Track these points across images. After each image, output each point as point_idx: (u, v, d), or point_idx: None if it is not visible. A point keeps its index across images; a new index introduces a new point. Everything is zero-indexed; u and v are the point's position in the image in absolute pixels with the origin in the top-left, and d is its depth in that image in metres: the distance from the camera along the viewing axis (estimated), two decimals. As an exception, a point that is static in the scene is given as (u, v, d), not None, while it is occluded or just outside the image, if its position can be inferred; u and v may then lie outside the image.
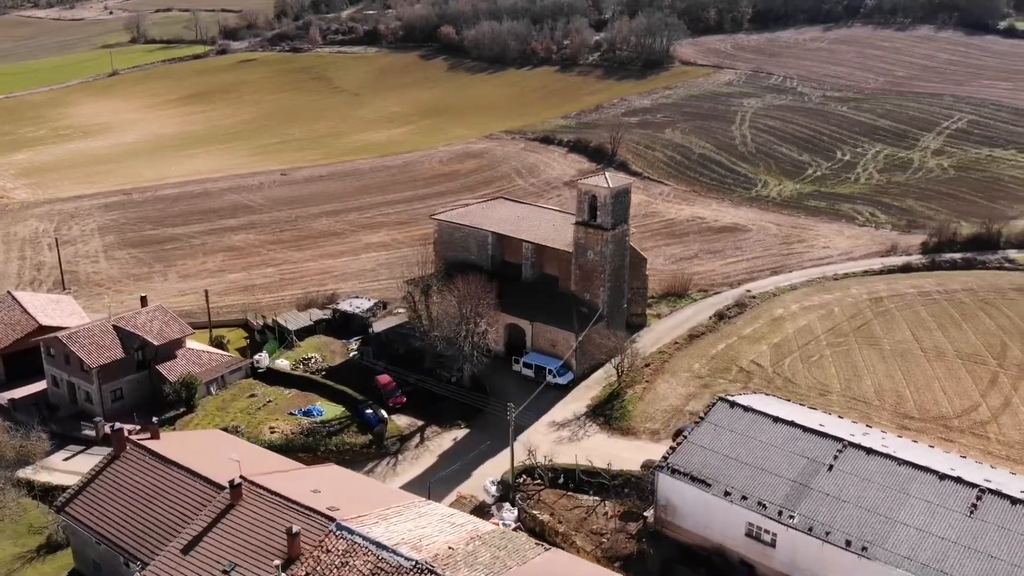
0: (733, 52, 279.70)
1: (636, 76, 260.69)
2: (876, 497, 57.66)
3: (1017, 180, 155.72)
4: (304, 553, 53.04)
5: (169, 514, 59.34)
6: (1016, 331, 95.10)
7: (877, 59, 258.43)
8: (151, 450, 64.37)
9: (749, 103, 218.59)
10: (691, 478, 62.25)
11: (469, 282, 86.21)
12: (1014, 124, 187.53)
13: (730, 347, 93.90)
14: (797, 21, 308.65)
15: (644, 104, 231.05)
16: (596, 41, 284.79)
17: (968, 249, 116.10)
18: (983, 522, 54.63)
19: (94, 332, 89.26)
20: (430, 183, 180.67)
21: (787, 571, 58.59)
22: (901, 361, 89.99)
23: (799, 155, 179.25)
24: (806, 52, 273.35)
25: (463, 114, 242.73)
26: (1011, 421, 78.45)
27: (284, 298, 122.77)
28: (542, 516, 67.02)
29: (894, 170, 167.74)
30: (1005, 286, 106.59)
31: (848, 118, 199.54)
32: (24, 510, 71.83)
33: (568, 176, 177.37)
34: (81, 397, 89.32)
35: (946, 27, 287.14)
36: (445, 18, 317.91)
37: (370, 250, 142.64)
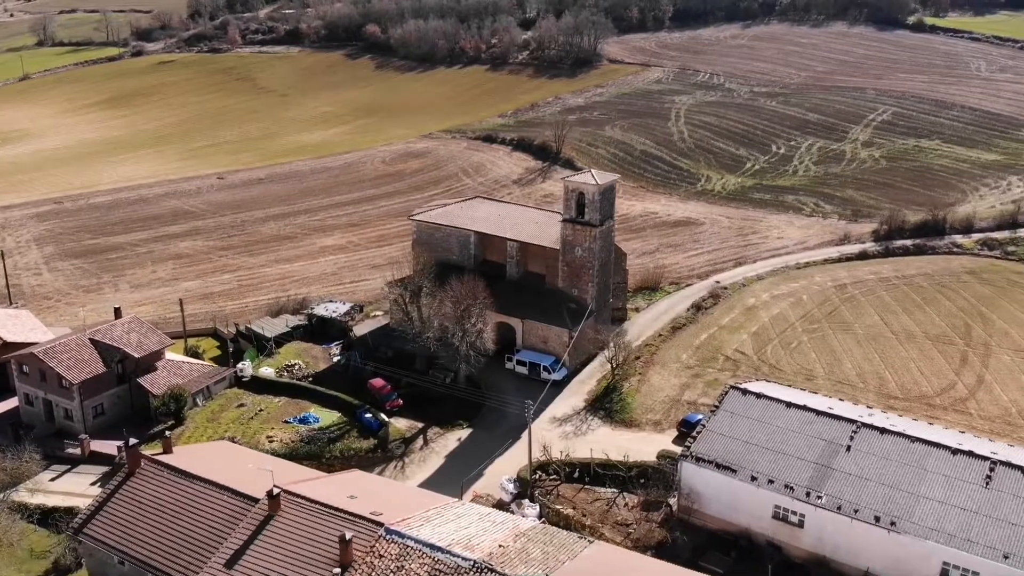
0: (658, 50, 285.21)
1: (567, 75, 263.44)
2: (896, 474, 60.46)
3: (947, 169, 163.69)
4: (356, 560, 52.51)
5: (199, 529, 57.79)
6: (975, 312, 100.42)
7: (797, 55, 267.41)
8: (170, 465, 62.53)
9: (681, 100, 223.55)
10: (716, 465, 63.99)
11: (463, 282, 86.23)
12: (935, 115, 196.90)
13: (712, 337, 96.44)
14: (716, 19, 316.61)
15: (579, 102, 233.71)
16: (524, 40, 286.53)
17: (917, 236, 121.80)
18: (999, 492, 57.92)
19: (71, 347, 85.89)
20: (376, 183, 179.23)
21: (815, 550, 60.88)
22: (875, 344, 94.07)
23: (736, 150, 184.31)
24: (728, 49, 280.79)
25: (398, 113, 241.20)
26: (988, 397, 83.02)
27: (247, 305, 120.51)
28: (566, 511, 67.79)
29: (829, 162, 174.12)
30: (957, 269, 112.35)
31: (778, 112, 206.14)
32: (22, 534, 68.70)
33: (516, 175, 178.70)
34: (59, 415, 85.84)
35: (858, 23, 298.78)
36: (369, 17, 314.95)
37: (326, 253, 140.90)
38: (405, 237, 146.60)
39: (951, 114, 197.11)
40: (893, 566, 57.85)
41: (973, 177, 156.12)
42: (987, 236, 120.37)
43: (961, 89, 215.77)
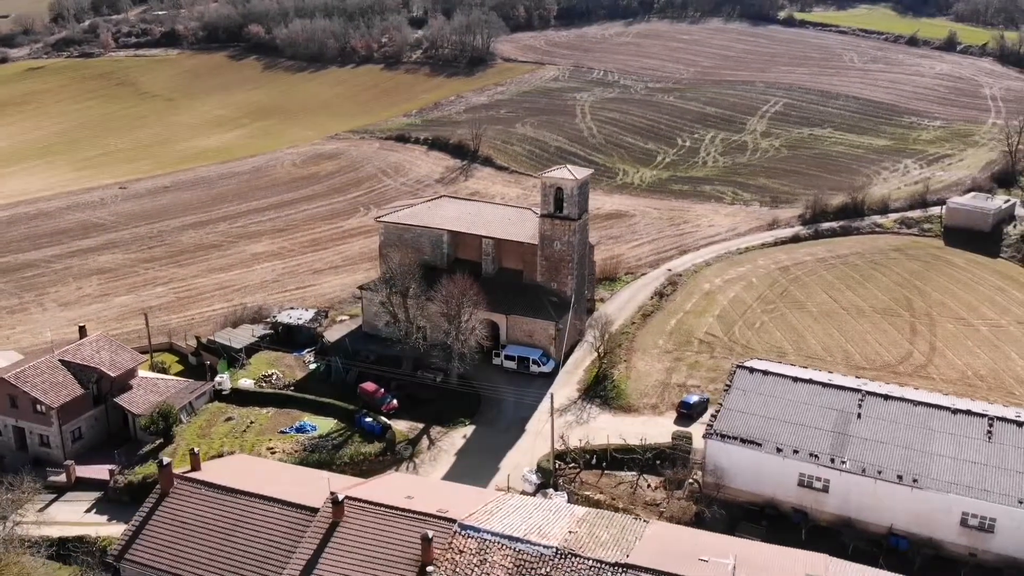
0: (549, 48, 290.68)
1: (464, 73, 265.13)
2: (907, 436, 65.61)
3: (844, 155, 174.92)
4: (436, 557, 52.85)
5: (257, 544, 56.45)
6: (910, 285, 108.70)
7: (682, 51, 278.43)
8: (210, 482, 60.70)
9: (582, 97, 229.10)
10: (741, 440, 67.53)
11: (453, 281, 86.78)
12: (823, 105, 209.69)
13: (681, 322, 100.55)
14: (599, 17, 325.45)
15: (482, 100, 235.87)
16: (416, 39, 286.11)
17: (840, 218, 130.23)
18: (1001, 444, 63.88)
19: (43, 370, 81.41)
20: (291, 187, 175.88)
21: (840, 512, 65.30)
22: (831, 320, 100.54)
23: (645, 144, 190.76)
24: (616, 47, 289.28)
25: (296, 115, 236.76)
26: (943, 362, 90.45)
27: (193, 317, 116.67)
28: (595, 496, 69.76)
29: (734, 153, 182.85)
30: (884, 247, 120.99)
31: (678, 107, 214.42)
32: (24, 570, 64.83)
33: (437, 174, 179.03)
34: (34, 442, 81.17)
35: (732, 19, 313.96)
36: (250, 17, 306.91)
37: (260, 260, 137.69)
38: (341, 241, 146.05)
39: (838, 103, 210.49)
40: (915, 521, 62.89)
41: (871, 162, 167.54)
42: (903, 215, 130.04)
43: (842, 80, 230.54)
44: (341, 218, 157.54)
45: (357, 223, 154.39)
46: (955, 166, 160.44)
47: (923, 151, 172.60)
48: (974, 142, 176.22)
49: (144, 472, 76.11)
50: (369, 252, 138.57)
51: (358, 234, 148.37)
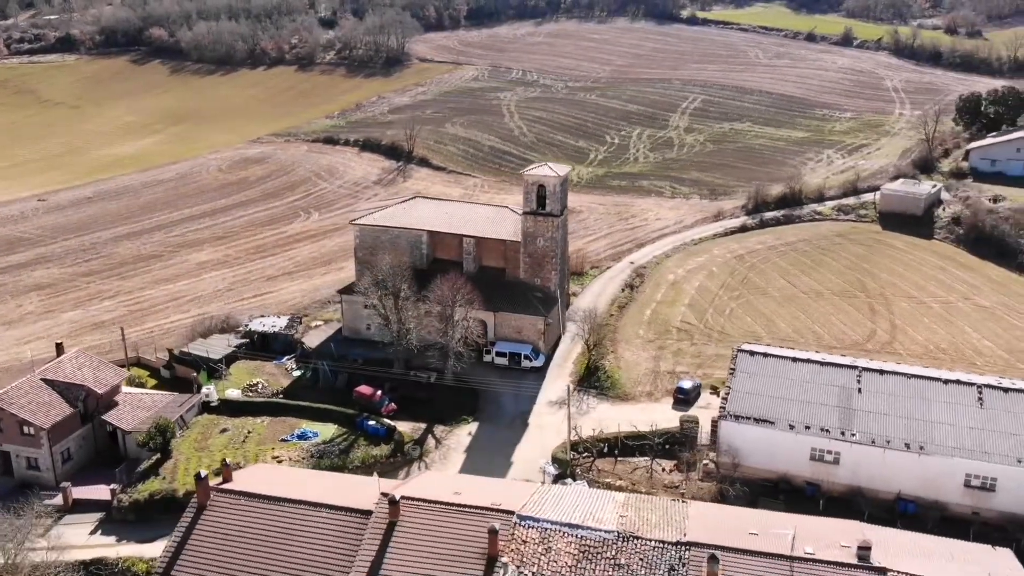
0: (463, 48, 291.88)
1: (382, 74, 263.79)
2: (906, 406, 70.14)
3: (767, 147, 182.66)
4: (501, 549, 53.76)
5: (312, 551, 55.92)
6: (859, 268, 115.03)
7: (594, 50, 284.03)
8: (248, 492, 59.74)
9: (505, 96, 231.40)
10: (755, 420, 70.77)
11: (447, 280, 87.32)
12: (738, 100, 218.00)
13: (656, 312, 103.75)
14: (508, 17, 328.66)
15: (404, 101, 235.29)
16: (328, 39, 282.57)
17: (780, 207, 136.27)
18: (992, 410, 69.06)
19: (27, 390, 78.07)
20: (223, 193, 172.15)
21: (851, 482, 69.26)
22: (794, 304, 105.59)
23: (576, 142, 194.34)
24: (529, 47, 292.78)
25: (211, 119, 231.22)
26: (906, 338, 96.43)
27: (152, 330, 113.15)
28: (616, 483, 71.73)
29: (662, 148, 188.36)
30: (828, 234, 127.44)
31: (601, 105, 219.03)
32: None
33: (374, 176, 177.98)
34: (21, 466, 77.63)
35: (638, 18, 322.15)
36: (150, 20, 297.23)
37: (207, 269, 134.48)
38: (288, 246, 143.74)
39: (752, 99, 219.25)
40: (921, 485, 67.38)
41: (794, 153, 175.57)
42: (839, 203, 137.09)
43: (752, 76, 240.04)
44: (282, 223, 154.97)
45: (300, 228, 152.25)
46: (874, 155, 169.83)
47: (840, 142, 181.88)
48: (886, 132, 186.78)
49: (148, 489, 74.03)
50: (321, 257, 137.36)
51: (305, 239, 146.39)
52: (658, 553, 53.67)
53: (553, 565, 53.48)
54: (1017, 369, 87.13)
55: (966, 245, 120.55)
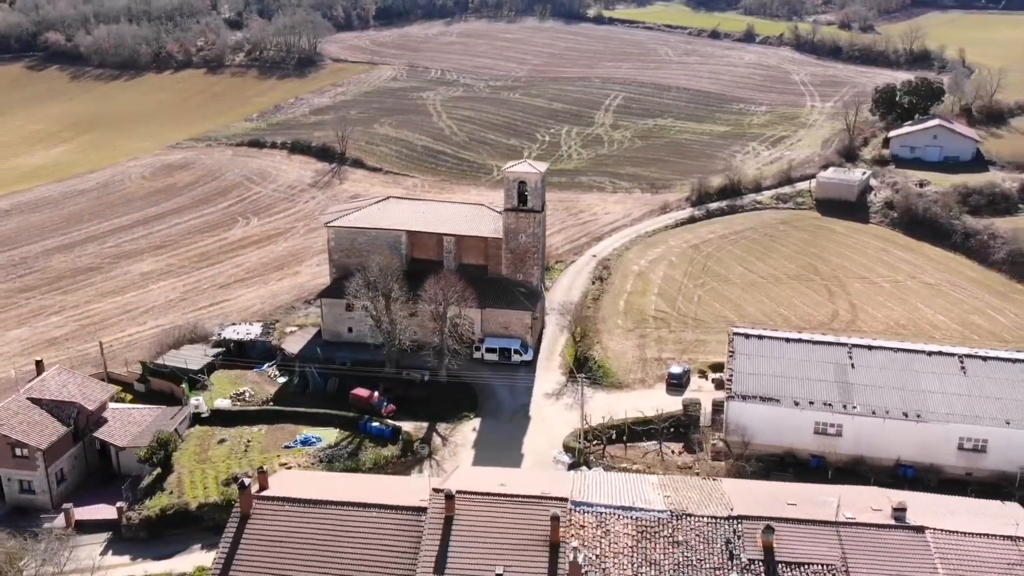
0: (376, 48, 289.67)
1: (296, 75, 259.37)
2: (898, 378, 74.81)
3: (694, 141, 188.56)
4: (562, 535, 55.04)
5: (364, 552, 55.91)
6: (810, 253, 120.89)
7: (508, 50, 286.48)
8: (292, 498, 59.11)
9: (428, 96, 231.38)
10: (761, 398, 74.14)
11: (437, 280, 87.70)
12: (658, 97, 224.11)
13: (629, 303, 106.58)
14: (417, 16, 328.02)
15: (325, 102, 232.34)
16: (236, 41, 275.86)
17: (722, 198, 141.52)
18: (975, 377, 74.42)
19: (15, 410, 75.00)
20: (151, 201, 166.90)
21: (853, 452, 73.38)
22: (756, 289, 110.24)
23: (508, 140, 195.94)
24: (443, 46, 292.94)
25: (124, 126, 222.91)
26: (867, 316, 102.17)
27: (113, 344, 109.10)
28: (632, 468, 73.86)
29: (593, 145, 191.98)
30: (773, 221, 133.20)
31: (527, 104, 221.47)
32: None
33: (308, 178, 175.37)
34: (13, 490, 74.23)
35: (546, 18, 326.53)
36: (44, 24, 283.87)
37: (152, 280, 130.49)
38: (233, 253, 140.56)
39: (671, 95, 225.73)
40: (919, 451, 72.06)
41: (721, 147, 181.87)
42: (777, 192, 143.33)
43: (667, 73, 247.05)
44: (221, 229, 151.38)
45: (242, 234, 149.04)
46: (796, 146, 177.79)
47: (761, 134, 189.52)
48: (802, 123, 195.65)
49: (158, 505, 72.04)
50: (272, 263, 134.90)
51: (249, 244, 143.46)
52: (712, 528, 55.98)
53: (614, 547, 55.12)
54: (972, 340, 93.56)
55: (901, 227, 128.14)
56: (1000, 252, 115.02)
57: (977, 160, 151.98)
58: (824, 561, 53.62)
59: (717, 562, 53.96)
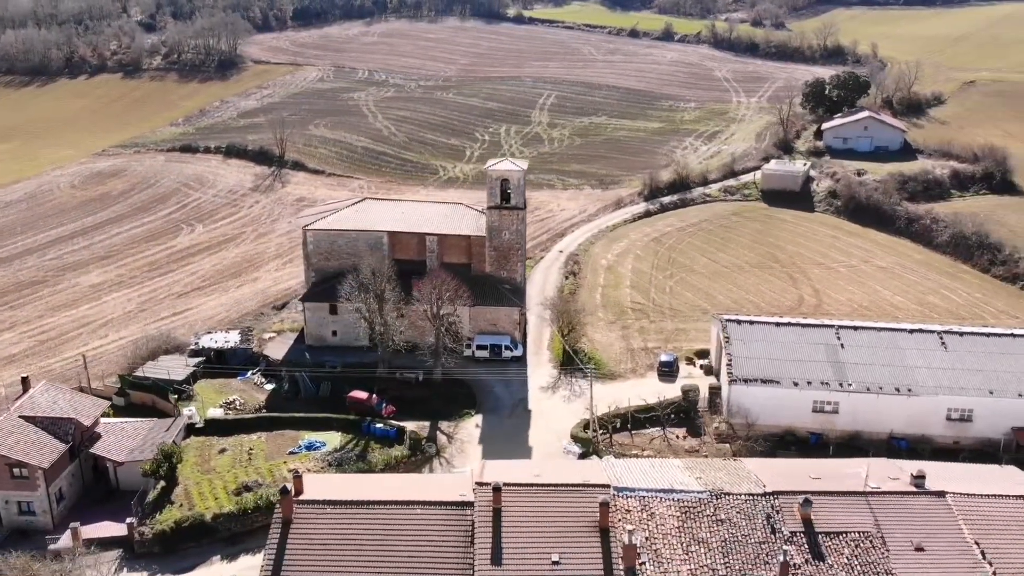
0: (297, 49, 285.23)
1: (218, 78, 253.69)
2: (885, 356, 78.98)
3: (631, 138, 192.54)
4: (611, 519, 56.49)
5: (414, 549, 56.16)
6: (766, 242, 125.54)
7: (434, 49, 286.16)
8: (334, 500, 58.83)
9: (359, 96, 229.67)
10: (761, 381, 77.20)
11: (432, 278, 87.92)
12: (589, 95, 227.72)
13: (605, 295, 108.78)
14: (335, 17, 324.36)
15: (252, 105, 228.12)
16: (152, 44, 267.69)
17: (673, 192, 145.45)
18: (956, 351, 79.20)
19: (9, 429, 72.00)
20: (87, 211, 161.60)
21: (849, 428, 77.14)
22: (722, 278, 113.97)
23: (448, 140, 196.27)
24: (367, 47, 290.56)
25: (42, 134, 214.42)
26: (830, 300, 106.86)
27: (76, 360, 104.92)
28: (644, 454, 75.89)
29: (534, 143, 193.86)
30: (725, 213, 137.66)
31: (461, 103, 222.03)
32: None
33: (249, 182, 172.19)
34: (11, 513, 71.36)
35: (467, 17, 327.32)
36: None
37: (106, 291, 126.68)
38: (184, 261, 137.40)
39: (601, 93, 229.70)
40: (910, 423, 76.28)
41: (659, 143, 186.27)
42: (723, 184, 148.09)
43: (594, 72, 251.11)
44: (166, 237, 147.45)
45: (189, 241, 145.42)
46: (731, 140, 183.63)
47: (695, 130, 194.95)
48: (732, 118, 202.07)
49: (171, 518, 70.31)
50: (227, 269, 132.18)
51: (199, 252, 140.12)
52: (751, 505, 58.32)
53: (661, 528, 56.88)
54: (932, 318, 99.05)
55: (846, 215, 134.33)
56: (943, 235, 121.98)
57: (905, 149, 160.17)
58: (860, 529, 56.58)
59: (761, 537, 56.29)
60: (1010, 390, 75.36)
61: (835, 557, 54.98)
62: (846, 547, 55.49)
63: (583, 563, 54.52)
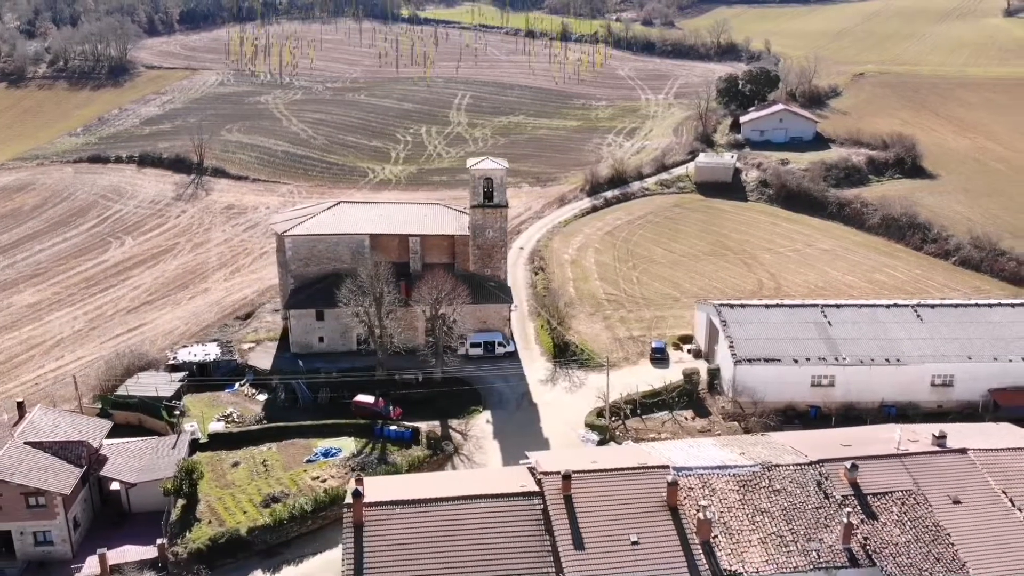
0: (189, 53, 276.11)
1: (111, 85, 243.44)
2: (869, 330, 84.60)
3: (555, 136, 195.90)
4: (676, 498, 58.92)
5: (487, 541, 57.00)
6: (712, 232, 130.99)
7: (334, 51, 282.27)
8: (402, 500, 58.87)
9: (267, 100, 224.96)
10: (765, 360, 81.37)
11: (430, 279, 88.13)
12: (503, 96, 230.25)
13: (578, 289, 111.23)
14: (223, 20, 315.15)
15: (154, 112, 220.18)
16: (36, 51, 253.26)
17: (613, 187, 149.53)
18: (931, 323, 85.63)
19: (20, 456, 68.15)
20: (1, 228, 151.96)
21: (844, 399, 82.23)
22: (683, 267, 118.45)
23: (370, 141, 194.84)
24: (262, 49, 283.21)
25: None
26: (788, 283, 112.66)
27: (37, 383, 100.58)
28: (662, 436, 78.70)
29: (458, 143, 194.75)
30: (667, 205, 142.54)
31: (375, 105, 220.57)
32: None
33: (171, 191, 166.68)
34: (26, 544, 67.54)
35: (361, 18, 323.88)
36: None
37: (45, 311, 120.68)
38: (123, 275, 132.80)
39: (515, 93, 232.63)
40: (899, 391, 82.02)
41: (582, 140, 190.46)
42: (659, 178, 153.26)
43: (503, 72, 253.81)
44: (96, 252, 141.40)
45: (121, 255, 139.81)
46: (650, 136, 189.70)
47: (613, 127, 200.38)
48: (645, 115, 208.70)
49: (204, 535, 68.20)
50: (173, 282, 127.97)
51: (135, 265, 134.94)
52: (801, 474, 61.88)
53: (724, 502, 59.70)
54: (884, 294, 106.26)
55: (779, 203, 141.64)
56: (874, 218, 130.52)
57: (817, 139, 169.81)
58: (902, 488, 61.02)
59: (816, 502, 59.89)
60: (985, 355, 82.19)
61: (886, 515, 59.18)
62: (894, 506, 59.77)
63: (659, 541, 56.69)
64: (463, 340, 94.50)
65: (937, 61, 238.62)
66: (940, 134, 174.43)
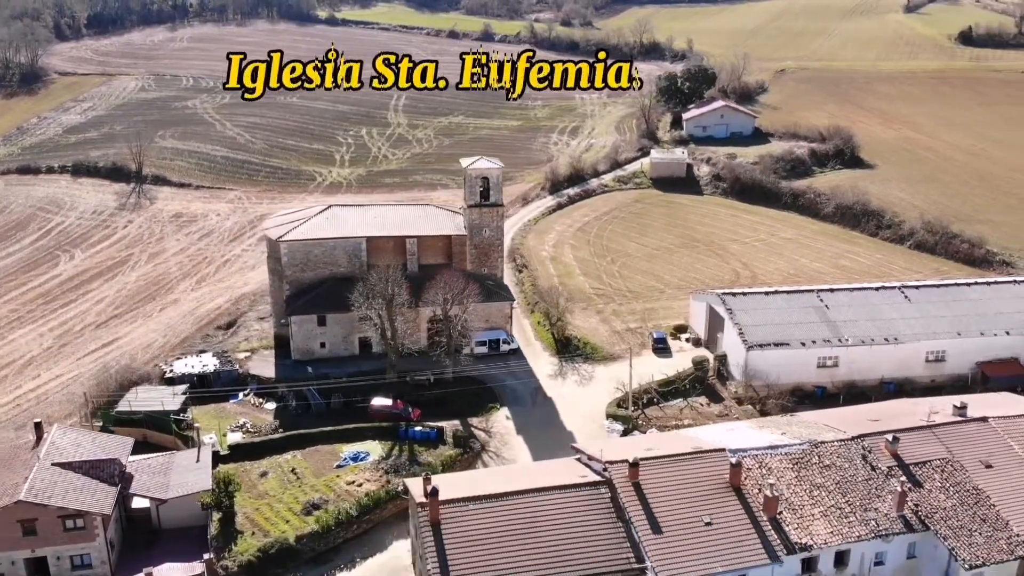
0: (102, 59, 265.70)
1: (25, 92, 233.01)
2: (865, 312, 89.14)
3: (498, 136, 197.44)
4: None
5: (564, 530, 58.30)
6: (680, 225, 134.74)
7: (253, 54, 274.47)
8: (475, 496, 59.45)
9: (195, 104, 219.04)
10: (774, 344, 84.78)
11: (444, 278, 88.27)
12: (438, 96, 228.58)
13: (564, 284, 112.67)
14: (133, 23, 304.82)
15: (77, 119, 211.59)
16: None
17: (573, 184, 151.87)
18: (918, 303, 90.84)
19: (53, 479, 65.49)
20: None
21: (847, 379, 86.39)
22: (660, 260, 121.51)
23: (311, 145, 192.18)
24: (178, 52, 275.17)
25: None
26: (761, 271, 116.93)
27: (19, 403, 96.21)
28: (685, 423, 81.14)
29: (402, 145, 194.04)
30: (629, 201, 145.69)
31: (310, 107, 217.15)
32: None
33: (113, 201, 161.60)
34: (63, 569, 64.89)
35: (276, 20, 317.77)
36: None
37: (8, 328, 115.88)
38: (80, 290, 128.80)
39: (449, 93, 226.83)
40: (896, 368, 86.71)
41: (528, 139, 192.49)
42: (615, 175, 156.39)
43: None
44: (45, 266, 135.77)
45: (73, 269, 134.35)
46: (594, 134, 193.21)
47: (555, 126, 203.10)
48: (582, 114, 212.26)
49: (253, 546, 66.93)
50: (138, 293, 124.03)
51: (92, 279, 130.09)
52: (846, 449, 65.16)
53: (782, 479, 62.35)
54: (854, 279, 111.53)
55: (734, 195, 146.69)
56: (828, 207, 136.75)
57: (757, 134, 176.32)
58: (939, 456, 64.95)
59: (865, 475, 63.20)
60: (973, 330, 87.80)
61: (931, 483, 62.94)
62: (935, 473, 63.61)
63: (730, 520, 58.95)
64: (469, 339, 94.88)
65: (851, 56, 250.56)
66: (867, 125, 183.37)
